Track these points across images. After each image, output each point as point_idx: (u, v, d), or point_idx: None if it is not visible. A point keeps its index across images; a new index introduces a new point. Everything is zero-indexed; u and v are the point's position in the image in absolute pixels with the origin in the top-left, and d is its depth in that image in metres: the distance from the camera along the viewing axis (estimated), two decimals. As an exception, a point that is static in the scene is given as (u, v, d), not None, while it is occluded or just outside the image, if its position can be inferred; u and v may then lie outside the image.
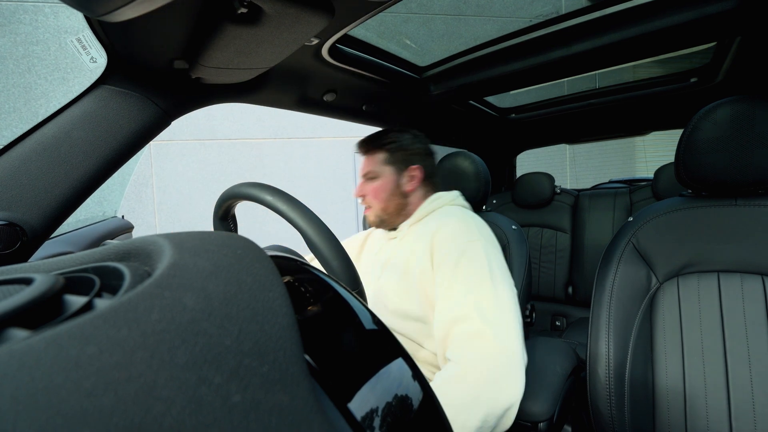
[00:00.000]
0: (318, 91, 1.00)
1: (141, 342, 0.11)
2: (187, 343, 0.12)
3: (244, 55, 0.64)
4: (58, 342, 0.10)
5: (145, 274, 0.19)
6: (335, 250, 0.51)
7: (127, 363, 0.10)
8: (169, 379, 0.11)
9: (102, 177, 0.65)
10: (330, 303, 0.26)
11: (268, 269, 0.20)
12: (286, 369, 0.14)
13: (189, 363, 0.11)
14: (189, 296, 0.14)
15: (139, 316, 0.12)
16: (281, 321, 0.16)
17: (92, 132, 0.62)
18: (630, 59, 1.00)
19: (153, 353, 0.11)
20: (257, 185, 0.59)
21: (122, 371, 0.10)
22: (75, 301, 0.16)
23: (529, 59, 1.01)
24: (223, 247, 0.20)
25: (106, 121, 0.63)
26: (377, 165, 0.90)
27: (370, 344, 0.26)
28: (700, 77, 1.28)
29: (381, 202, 0.90)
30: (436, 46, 1.13)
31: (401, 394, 0.24)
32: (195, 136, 3.20)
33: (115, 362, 0.10)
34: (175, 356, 0.11)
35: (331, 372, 0.20)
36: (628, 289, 0.75)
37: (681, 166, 0.75)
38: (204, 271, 0.17)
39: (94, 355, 0.10)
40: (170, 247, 0.19)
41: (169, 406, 0.10)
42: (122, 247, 0.22)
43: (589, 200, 1.86)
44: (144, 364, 0.11)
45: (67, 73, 2.65)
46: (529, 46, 0.99)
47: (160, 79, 0.68)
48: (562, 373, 0.75)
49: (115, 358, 0.10)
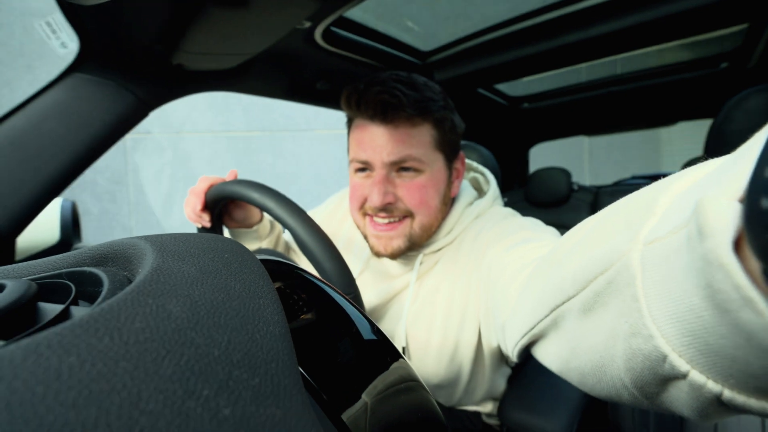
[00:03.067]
0: (310, 78, 1.00)
1: (124, 352, 0.12)
2: (173, 354, 0.12)
3: (230, 39, 0.64)
4: (37, 352, 0.11)
5: (125, 280, 0.19)
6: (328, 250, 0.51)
7: (110, 374, 0.11)
8: (155, 391, 0.11)
9: (74, 173, 0.65)
10: (325, 310, 0.26)
11: (258, 275, 0.20)
12: (278, 381, 0.14)
13: (175, 374, 0.12)
14: (174, 304, 0.14)
15: (122, 324, 0.12)
16: (273, 330, 0.16)
17: (63, 124, 0.62)
18: (655, 42, 1.00)
19: (137, 364, 0.11)
20: (244, 182, 0.60)
21: (105, 383, 0.10)
22: (50, 308, 0.17)
23: (543, 42, 1.01)
24: (209, 251, 0.20)
25: (78, 112, 0.63)
26: (422, 147, 0.61)
27: (369, 355, 0.26)
28: (732, 62, 1.29)
29: (430, 212, 0.64)
30: (441, 29, 1.13)
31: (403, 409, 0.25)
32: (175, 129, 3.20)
33: (98, 373, 0.11)
34: (161, 367, 0.12)
35: (326, 385, 0.20)
36: None
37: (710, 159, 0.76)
38: (189, 277, 0.17)
39: (75, 365, 0.10)
40: (152, 251, 0.19)
41: (156, 420, 0.10)
42: (98, 250, 0.23)
43: (610, 198, 1.87)
44: (128, 375, 0.11)
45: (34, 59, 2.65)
46: (543, 28, 0.99)
47: (138, 66, 0.69)
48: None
49: (97, 368, 0.11)
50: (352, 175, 0.67)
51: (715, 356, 0.17)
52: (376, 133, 0.61)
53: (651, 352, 0.21)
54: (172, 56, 0.68)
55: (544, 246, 0.51)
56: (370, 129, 0.61)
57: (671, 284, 0.19)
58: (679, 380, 0.20)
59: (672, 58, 1.45)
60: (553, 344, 0.34)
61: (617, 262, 0.23)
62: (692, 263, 0.17)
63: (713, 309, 0.16)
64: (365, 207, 0.65)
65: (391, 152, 0.60)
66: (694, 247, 0.17)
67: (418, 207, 0.63)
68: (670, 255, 0.19)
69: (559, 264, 0.31)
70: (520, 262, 0.49)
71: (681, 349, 0.19)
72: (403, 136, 0.60)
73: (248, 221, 0.77)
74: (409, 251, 0.67)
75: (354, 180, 0.66)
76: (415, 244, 0.66)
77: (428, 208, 0.63)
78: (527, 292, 0.39)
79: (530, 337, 0.38)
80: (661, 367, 0.20)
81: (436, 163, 0.63)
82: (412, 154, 0.60)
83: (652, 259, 0.20)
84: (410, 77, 0.62)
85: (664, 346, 0.20)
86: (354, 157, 0.64)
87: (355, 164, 0.65)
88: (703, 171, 0.21)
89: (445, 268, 0.68)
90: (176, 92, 0.78)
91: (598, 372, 0.27)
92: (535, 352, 0.40)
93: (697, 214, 0.17)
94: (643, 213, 0.22)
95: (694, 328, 0.18)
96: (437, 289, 0.67)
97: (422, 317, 0.67)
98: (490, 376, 0.68)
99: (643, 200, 0.23)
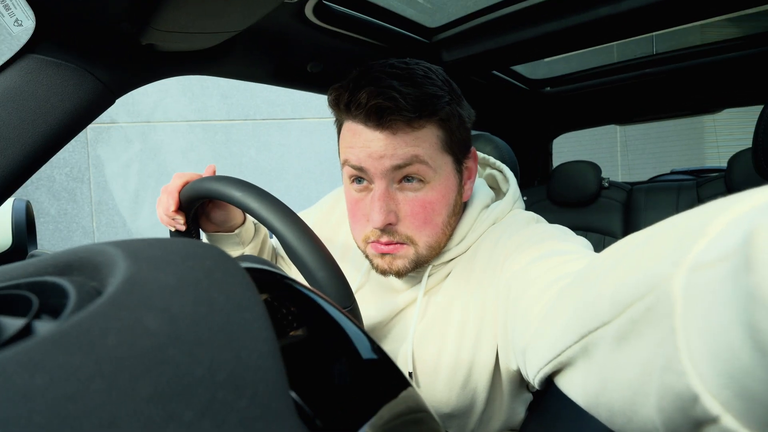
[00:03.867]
0: (300, 60, 1.01)
1: (97, 370, 0.12)
2: (151, 373, 0.13)
3: (208, 15, 0.65)
4: (3, 370, 0.11)
5: (94, 292, 0.20)
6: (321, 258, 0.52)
7: (83, 395, 0.11)
8: (132, 414, 0.11)
9: (29, 169, 0.66)
10: (318, 326, 0.27)
11: (244, 285, 0.20)
12: (267, 404, 0.15)
13: (154, 396, 0.12)
14: (151, 318, 0.15)
15: (93, 340, 0.13)
16: (261, 347, 0.17)
17: (17, 113, 0.63)
18: (697, 17, 1.00)
19: (111, 383, 0.12)
20: (223, 179, 0.60)
21: (78, 404, 0.11)
22: (10, 323, 0.17)
23: (568, 18, 1.01)
24: (187, 258, 0.21)
25: (34, 98, 0.64)
26: (427, 151, 0.60)
27: (369, 377, 0.26)
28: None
29: (435, 231, 0.64)
30: (451, 2, 1.14)
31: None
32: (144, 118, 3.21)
33: (70, 393, 0.11)
34: (138, 387, 0.12)
35: (320, 411, 0.21)
36: None
37: (761, 152, 0.76)
38: (167, 288, 0.17)
39: (45, 385, 0.11)
40: (123, 258, 0.20)
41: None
42: (61, 258, 0.23)
43: (645, 196, 1.87)
44: (102, 395, 0.11)
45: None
46: (568, 1, 1.00)
47: (103, 47, 0.69)
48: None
49: (69, 389, 0.11)
50: (348, 184, 0.66)
51: (751, 402, 0.18)
52: (370, 138, 0.59)
53: (683, 391, 0.21)
54: (141, 36, 0.69)
55: (573, 260, 0.50)
56: (363, 134, 0.59)
57: (712, 318, 0.19)
58: (710, 425, 0.20)
59: (716, 35, 1.46)
60: (580, 375, 0.34)
61: (658, 288, 0.23)
62: (736, 297, 0.17)
63: (753, 350, 0.17)
64: (367, 233, 0.65)
65: (391, 158, 0.58)
66: (739, 279, 0.17)
67: (420, 230, 0.63)
68: (716, 285, 0.19)
69: (593, 284, 0.32)
70: (545, 278, 0.49)
71: (715, 391, 0.19)
72: (402, 142, 0.58)
73: (229, 224, 0.78)
74: (417, 268, 0.67)
75: (351, 193, 0.66)
76: (424, 263, 0.67)
77: (433, 228, 0.63)
78: (554, 314, 0.40)
79: (555, 365, 0.38)
80: (692, 409, 0.21)
81: (443, 168, 0.62)
82: (417, 157, 0.59)
83: (696, 287, 0.21)
84: (408, 68, 0.60)
85: (697, 386, 0.20)
86: (347, 160, 0.63)
87: (349, 170, 0.64)
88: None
89: (458, 281, 0.68)
90: (146, 77, 0.79)
91: (629, 411, 0.27)
92: (560, 382, 0.39)
93: (747, 243, 0.17)
94: (693, 236, 0.23)
95: (731, 369, 0.18)
96: (449, 305, 0.67)
97: (431, 337, 0.67)
98: (509, 403, 0.68)
99: (696, 221, 0.24)
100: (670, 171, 3.14)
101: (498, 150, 1.15)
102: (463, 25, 1.14)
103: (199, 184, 0.65)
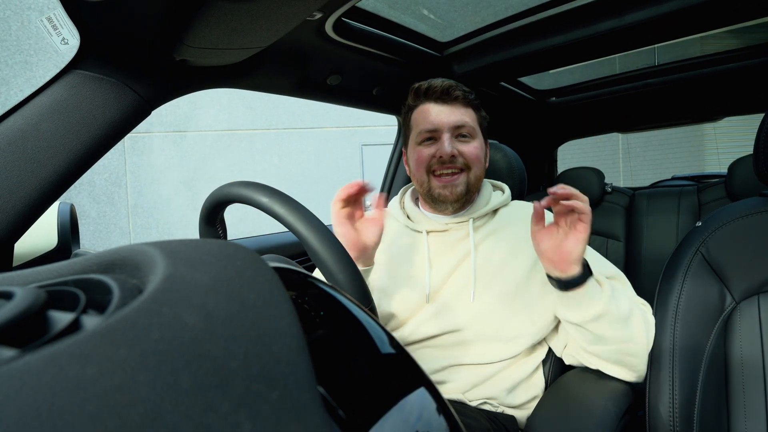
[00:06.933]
0: (321, 73, 1.01)
1: (142, 363, 0.12)
2: (191, 366, 0.13)
3: (236, 33, 0.66)
4: (57, 362, 0.11)
5: (135, 288, 0.20)
6: (342, 260, 0.51)
7: (130, 386, 0.11)
8: (175, 404, 0.11)
9: (74, 175, 0.67)
10: (341, 322, 0.27)
11: (272, 283, 0.21)
12: (297, 396, 0.15)
13: (194, 387, 0.12)
14: (189, 314, 0.15)
15: (139, 334, 0.13)
16: (290, 343, 0.17)
17: (63, 124, 0.65)
18: (697, 30, 0.99)
19: (156, 376, 0.12)
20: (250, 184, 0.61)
21: (126, 394, 0.11)
22: (60, 317, 0.17)
23: (572, 32, 1.00)
24: (221, 258, 0.21)
25: (78, 110, 0.66)
26: (472, 121, 0.88)
27: (388, 371, 0.26)
28: (785, 50, 1.26)
29: (479, 167, 0.88)
30: (461, 18, 1.14)
31: (424, 431, 0.25)
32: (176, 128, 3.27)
33: (118, 384, 0.11)
34: (179, 379, 0.12)
35: (344, 403, 0.21)
36: (697, 310, 0.74)
37: (761, 159, 0.74)
38: (203, 286, 0.17)
39: (95, 376, 0.11)
40: (162, 258, 0.20)
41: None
42: (105, 257, 0.23)
43: (647, 201, 1.84)
44: (147, 387, 0.11)
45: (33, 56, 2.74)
46: (573, 15, 0.99)
47: (140, 63, 0.71)
48: (615, 411, 0.74)
49: (117, 380, 0.11)
50: (416, 147, 0.89)
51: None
52: (441, 109, 0.87)
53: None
54: (175, 52, 0.70)
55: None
56: (435, 107, 0.87)
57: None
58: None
59: (717, 47, 1.43)
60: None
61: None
62: None
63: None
64: (431, 164, 0.86)
65: (454, 120, 0.85)
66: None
67: (473, 161, 0.86)
68: None
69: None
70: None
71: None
72: (459, 112, 0.86)
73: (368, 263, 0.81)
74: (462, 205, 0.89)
75: (420, 150, 0.88)
76: (471, 193, 0.88)
77: (479, 165, 0.88)
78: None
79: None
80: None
81: (479, 136, 0.89)
82: (467, 122, 0.86)
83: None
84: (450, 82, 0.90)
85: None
86: (422, 129, 0.87)
87: (423, 135, 0.87)
88: None
89: (499, 236, 0.88)
90: (179, 89, 0.80)
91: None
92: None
93: None
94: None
95: None
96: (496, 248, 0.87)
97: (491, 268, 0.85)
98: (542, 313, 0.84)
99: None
100: (672, 177, 3.08)
101: (507, 158, 1.14)
102: (472, 39, 1.14)
103: (227, 189, 0.65)
